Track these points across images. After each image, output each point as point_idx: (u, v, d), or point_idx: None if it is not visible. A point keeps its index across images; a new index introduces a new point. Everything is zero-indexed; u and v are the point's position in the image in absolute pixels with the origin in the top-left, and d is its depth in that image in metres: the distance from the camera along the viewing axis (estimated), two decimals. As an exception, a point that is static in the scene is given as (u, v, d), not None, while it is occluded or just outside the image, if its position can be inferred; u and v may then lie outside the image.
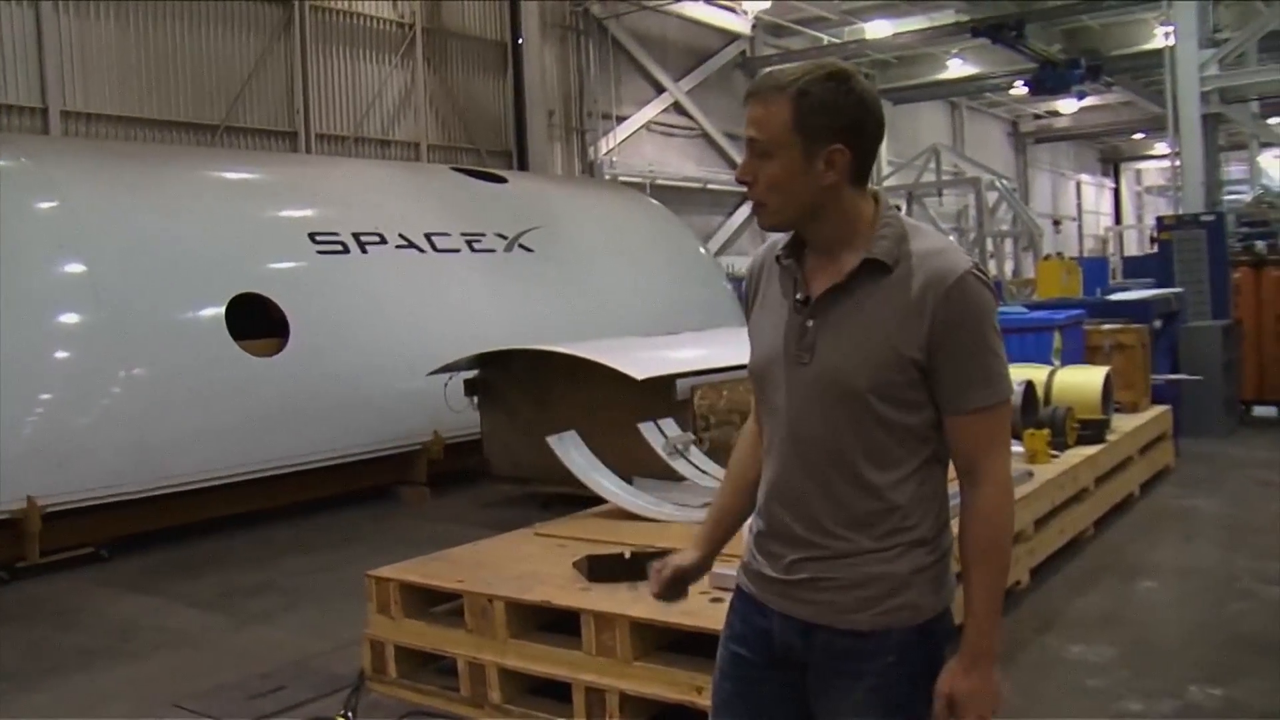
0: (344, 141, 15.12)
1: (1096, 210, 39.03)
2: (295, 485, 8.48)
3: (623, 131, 19.79)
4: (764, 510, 2.15)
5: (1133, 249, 33.48)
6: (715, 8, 20.99)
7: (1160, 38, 22.57)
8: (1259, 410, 11.01)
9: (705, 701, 3.02)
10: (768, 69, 2.08)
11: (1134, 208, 41.37)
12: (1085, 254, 31.76)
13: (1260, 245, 11.40)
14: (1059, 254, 21.94)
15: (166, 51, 13.06)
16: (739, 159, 9.99)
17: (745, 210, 22.03)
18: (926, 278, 1.96)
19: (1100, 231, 37.33)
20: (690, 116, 21.26)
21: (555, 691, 4.19)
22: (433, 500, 9.06)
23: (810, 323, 2.04)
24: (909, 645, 2.03)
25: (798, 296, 2.07)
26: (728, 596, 2.29)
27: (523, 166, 16.78)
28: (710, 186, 21.39)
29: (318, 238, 8.91)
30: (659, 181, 19.83)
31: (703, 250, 15.16)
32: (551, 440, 6.52)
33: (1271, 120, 22.22)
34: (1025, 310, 9.10)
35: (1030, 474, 6.05)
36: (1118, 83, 24.44)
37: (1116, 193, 40.24)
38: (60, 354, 7.38)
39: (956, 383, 1.98)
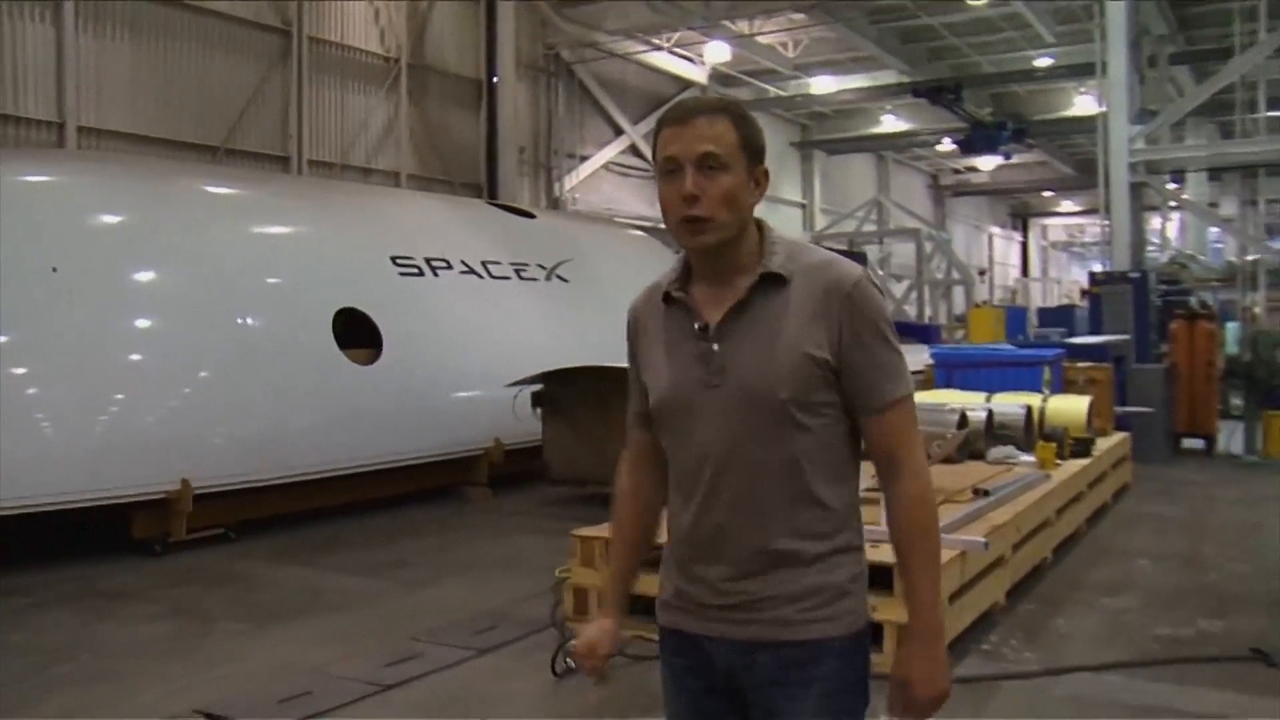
0: (331, 168, 16.42)
1: (1005, 262, 42.26)
2: (380, 481, 9.79)
3: (584, 170, 21.42)
4: (687, 541, 2.22)
5: (1038, 300, 36.42)
6: (675, 56, 22.79)
7: (1077, 105, 25.39)
8: (1188, 442, 13.17)
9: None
10: (682, 98, 2.70)
11: (1039, 261, 44.81)
12: (996, 303, 34.51)
13: (1194, 301, 13.60)
14: (985, 302, 24.39)
15: (174, 74, 14.24)
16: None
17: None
18: (825, 285, 2.11)
19: (1009, 283, 40.45)
20: (644, 158, 22.99)
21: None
22: (495, 499, 10.46)
23: (716, 346, 2.14)
24: (850, 653, 2.15)
25: (696, 326, 2.18)
26: None
27: (493, 199, 18.16)
28: (661, 226, 22.95)
29: (398, 261, 10.30)
30: (616, 220, 21.42)
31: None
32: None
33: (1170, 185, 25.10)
34: (1017, 349, 11.02)
35: (1049, 476, 7.85)
36: (1037, 144, 27.12)
37: (1024, 246, 43.61)
38: (205, 356, 8.62)
39: (868, 381, 2.12)
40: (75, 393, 7.89)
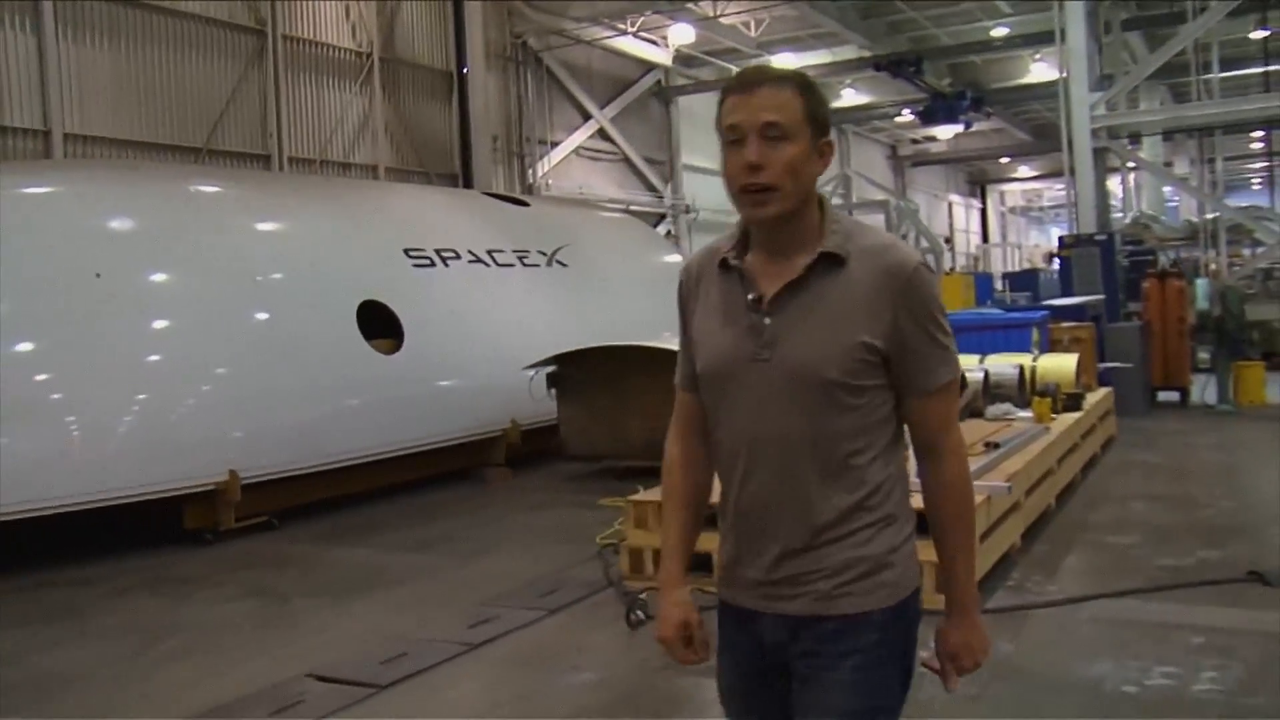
0: (311, 164, 16.86)
1: (966, 229, 43.28)
2: (404, 466, 10.29)
3: (556, 156, 21.93)
4: (736, 516, 2.28)
5: (999, 266, 37.39)
6: (638, 39, 23.32)
7: (1034, 72, 26.23)
8: (1162, 395, 14.02)
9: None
10: (750, 66, 2.28)
11: (999, 227, 45.90)
12: (960, 270, 35.42)
13: (1164, 260, 14.41)
14: (951, 269, 25.21)
15: (154, 77, 14.63)
16: (656, 182, 15.98)
17: (661, 230, 24.43)
18: (883, 270, 2.14)
19: (971, 249, 41.46)
20: (613, 142, 23.57)
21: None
22: (515, 478, 11.01)
23: (768, 320, 2.17)
24: (889, 624, 2.19)
25: (750, 297, 2.21)
26: None
27: (469, 188, 18.59)
28: (632, 208, 23.58)
29: (411, 253, 10.82)
30: (591, 203, 21.98)
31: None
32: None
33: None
34: (1005, 313, 11.75)
35: (1048, 429, 8.55)
36: (994, 112, 27.94)
37: (983, 213, 44.66)
38: (244, 353, 9.10)
39: (921, 365, 2.18)
40: (126, 393, 8.35)
